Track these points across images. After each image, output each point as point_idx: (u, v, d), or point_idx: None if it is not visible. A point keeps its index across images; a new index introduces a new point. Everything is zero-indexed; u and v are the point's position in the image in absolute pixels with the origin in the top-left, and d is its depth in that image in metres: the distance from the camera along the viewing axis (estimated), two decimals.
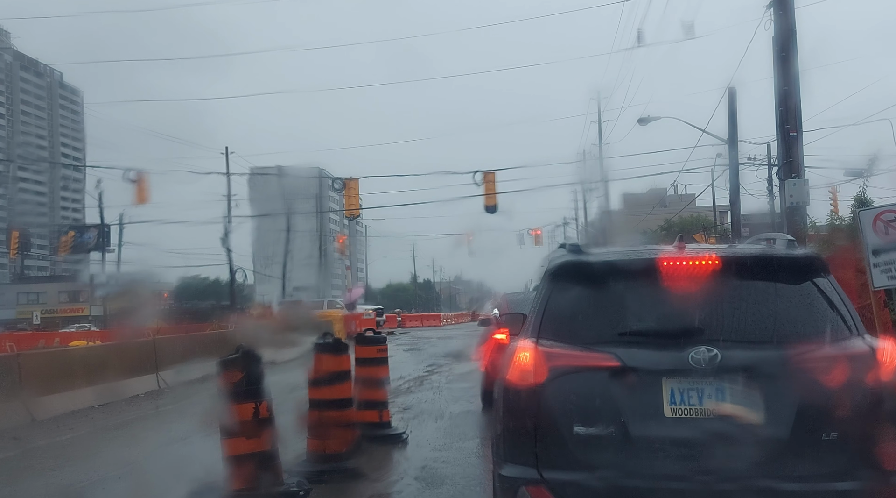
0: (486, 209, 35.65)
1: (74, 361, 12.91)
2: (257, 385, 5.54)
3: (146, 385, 13.94)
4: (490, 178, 35.36)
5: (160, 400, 13.13)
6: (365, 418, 8.19)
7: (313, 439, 6.74)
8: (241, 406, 5.42)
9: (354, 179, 36.33)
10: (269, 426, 5.55)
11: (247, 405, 5.42)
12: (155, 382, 14.17)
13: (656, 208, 58.01)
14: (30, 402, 11.04)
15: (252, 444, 5.42)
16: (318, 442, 6.69)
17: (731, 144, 29.49)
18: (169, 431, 9.89)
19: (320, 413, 6.67)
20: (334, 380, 6.72)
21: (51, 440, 9.62)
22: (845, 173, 33.63)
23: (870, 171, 29.84)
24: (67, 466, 8.06)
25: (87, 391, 12.29)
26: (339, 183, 36.67)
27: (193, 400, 12.39)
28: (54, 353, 14.56)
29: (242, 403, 5.43)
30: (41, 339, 28.78)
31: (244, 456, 5.38)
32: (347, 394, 6.84)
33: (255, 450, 5.43)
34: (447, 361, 19.49)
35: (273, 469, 5.57)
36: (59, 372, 12.12)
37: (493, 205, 35.77)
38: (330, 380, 6.70)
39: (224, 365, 5.50)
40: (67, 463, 8.26)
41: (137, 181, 31.99)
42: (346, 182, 36.21)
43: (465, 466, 7.44)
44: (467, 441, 8.62)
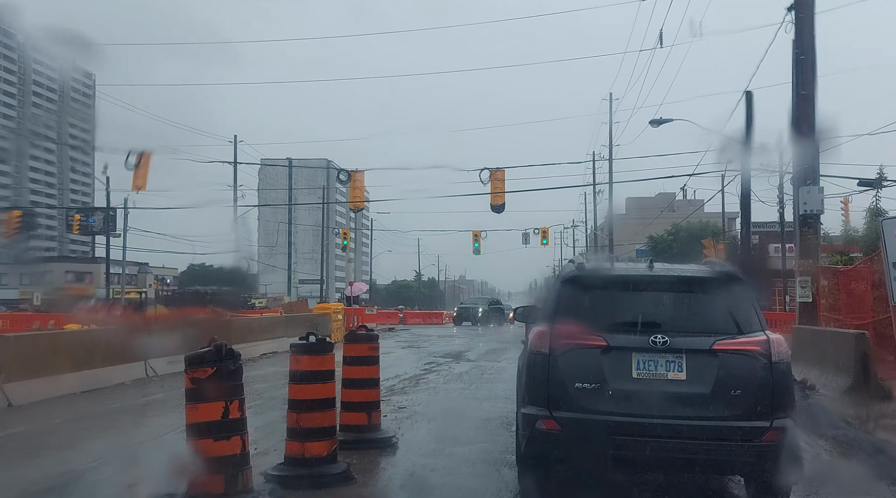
0: (493, 208, 35.09)
1: (59, 346, 12.48)
2: (229, 382, 5.08)
3: (134, 373, 13.51)
4: (498, 177, 34.73)
5: (147, 389, 12.70)
6: (352, 421, 7.74)
7: (291, 442, 6.28)
8: (210, 405, 4.97)
9: (360, 171, 35.83)
10: (241, 428, 5.09)
11: (216, 404, 4.97)
12: (143, 369, 13.73)
13: (664, 212, 57.28)
14: (8, 386, 10.62)
15: (220, 446, 4.97)
16: (296, 445, 6.23)
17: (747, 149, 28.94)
18: (147, 424, 9.46)
19: (298, 415, 6.20)
20: (315, 380, 6.24)
21: (24, 428, 9.19)
22: (859, 184, 33.05)
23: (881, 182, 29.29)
24: (35, 459, 7.62)
25: (70, 377, 11.87)
26: (344, 174, 36.23)
27: (181, 391, 11.97)
28: (37, 336, 14.13)
29: (211, 401, 4.97)
30: (36, 320, 28.41)
31: (211, 459, 4.92)
32: (329, 395, 6.36)
33: (224, 453, 4.98)
34: (446, 360, 19.02)
35: (242, 474, 5.11)
36: (42, 356, 11.70)
37: (501, 204, 35.21)
38: (310, 380, 6.23)
39: (192, 360, 5.05)
40: (35, 454, 7.83)
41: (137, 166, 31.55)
42: (352, 174, 35.75)
43: (456, 475, 6.99)
44: (460, 446, 8.17)
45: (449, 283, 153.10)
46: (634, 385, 5.57)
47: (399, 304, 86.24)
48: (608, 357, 5.62)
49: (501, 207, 35.28)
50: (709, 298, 6.03)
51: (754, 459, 5.54)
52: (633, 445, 5.54)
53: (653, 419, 5.49)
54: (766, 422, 5.49)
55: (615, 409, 5.52)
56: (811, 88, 19.75)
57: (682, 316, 5.99)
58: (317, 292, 78.71)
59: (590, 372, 5.60)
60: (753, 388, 5.55)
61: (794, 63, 19.34)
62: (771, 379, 5.57)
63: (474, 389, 13.58)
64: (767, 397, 5.55)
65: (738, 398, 5.51)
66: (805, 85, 19.66)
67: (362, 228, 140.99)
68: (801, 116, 19.42)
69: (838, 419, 9.86)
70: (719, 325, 5.78)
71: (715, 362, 5.54)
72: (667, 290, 6.20)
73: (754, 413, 5.51)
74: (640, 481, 6.52)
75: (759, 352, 5.61)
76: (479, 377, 15.32)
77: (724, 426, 5.48)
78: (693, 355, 5.58)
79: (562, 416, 5.60)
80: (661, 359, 5.59)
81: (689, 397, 5.54)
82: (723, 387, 5.50)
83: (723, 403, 5.50)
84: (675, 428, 5.49)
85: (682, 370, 5.57)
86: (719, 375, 5.51)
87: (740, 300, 5.92)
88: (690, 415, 5.51)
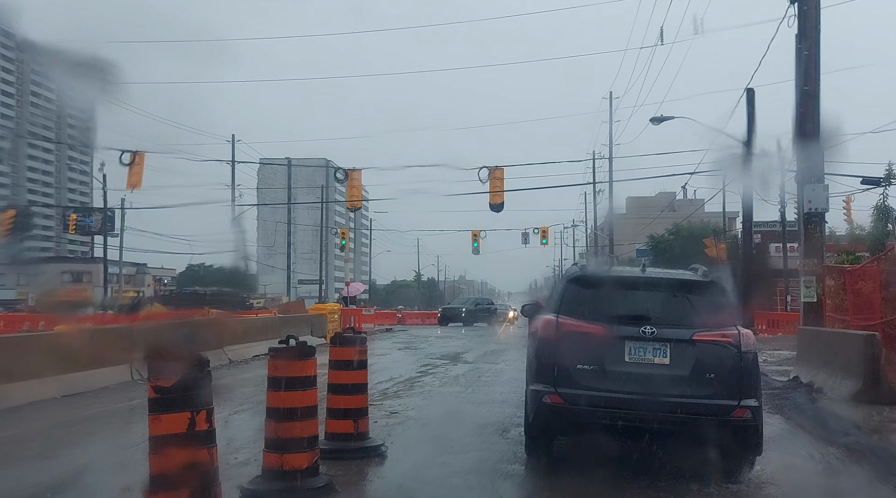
0: (492, 207, 34.63)
1: (41, 348, 12.02)
2: (196, 391, 4.65)
3: (119, 376, 13.07)
4: (497, 175, 34.28)
5: (131, 393, 12.22)
6: (338, 429, 7.31)
7: (269, 454, 5.85)
8: (174, 416, 4.54)
9: (357, 170, 35.42)
10: (209, 440, 4.66)
11: (180, 415, 4.54)
12: (129, 372, 13.30)
13: (664, 212, 56.84)
14: None
15: (184, 461, 4.54)
16: (274, 457, 5.80)
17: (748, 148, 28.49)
18: (125, 431, 9.00)
19: (277, 425, 5.78)
20: (294, 387, 5.82)
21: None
22: (863, 182, 32.59)
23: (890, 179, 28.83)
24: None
25: (51, 381, 11.43)
26: (342, 173, 35.82)
27: None
28: (17, 338, 13.70)
29: (175, 412, 4.55)
30: (27, 321, 27.97)
31: (173, 475, 4.50)
32: (310, 402, 5.93)
33: (188, 469, 4.54)
34: (443, 362, 18.58)
35: (211, 491, 4.68)
36: (21, 359, 11.27)
37: (500, 203, 34.76)
38: (289, 386, 5.80)
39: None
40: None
41: (132, 164, 31.17)
42: (349, 172, 35.33)
43: (447, 488, 6.59)
44: (453, 455, 7.74)
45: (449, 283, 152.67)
46: (626, 367, 6.64)
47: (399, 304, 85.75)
48: (605, 344, 6.68)
49: (500, 207, 34.82)
50: (691, 297, 7.17)
51: (724, 432, 6.56)
52: (624, 416, 6.58)
53: (641, 396, 6.53)
54: (735, 401, 6.55)
55: (610, 387, 6.57)
56: (815, 85, 19.32)
57: (668, 312, 7.10)
58: (316, 293, 78.32)
59: (589, 355, 6.65)
60: (725, 372, 6.63)
61: (798, 58, 18.93)
62: (740, 366, 6.66)
63: (471, 392, 13.16)
64: (736, 381, 6.62)
65: (711, 380, 6.59)
66: (809, 81, 19.23)
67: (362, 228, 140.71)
68: (804, 113, 18.99)
69: (849, 425, 9.43)
70: (699, 320, 6.83)
71: (694, 350, 6.63)
72: (656, 289, 7.40)
73: (725, 393, 6.57)
74: (628, 448, 7.42)
75: (730, 343, 6.69)
76: (476, 380, 14.90)
77: (699, 403, 6.55)
78: (676, 344, 6.66)
79: (564, 392, 6.63)
80: (649, 346, 6.66)
81: (671, 378, 6.59)
82: (699, 371, 6.58)
83: (699, 384, 6.57)
84: (660, 404, 6.54)
85: (667, 356, 6.64)
86: (697, 361, 6.60)
87: (717, 300, 7.06)
88: (672, 393, 6.55)
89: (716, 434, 6.53)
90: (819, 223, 19.02)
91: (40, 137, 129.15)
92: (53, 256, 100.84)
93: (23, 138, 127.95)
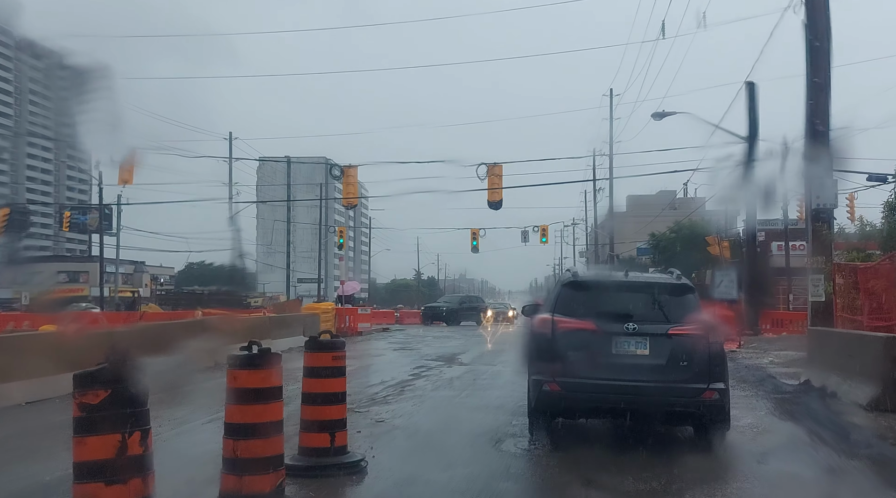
0: (490, 204, 33.91)
1: (6, 350, 11.33)
2: (130, 409, 3.96)
3: None
4: (496, 172, 33.56)
5: None
6: (312, 443, 6.62)
7: (228, 476, 5.16)
8: (102, 439, 3.86)
9: (353, 167, 34.69)
10: (142, 467, 3.97)
11: (110, 437, 3.85)
12: None
13: (665, 211, 56.11)
14: None
15: (115, 492, 3.85)
16: (233, 480, 5.11)
17: (751, 143, 27.74)
18: None
19: (235, 443, 5.09)
20: (256, 399, 5.13)
21: None
22: (868, 179, 31.84)
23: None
24: None
25: (15, 386, 10.72)
26: (337, 170, 35.12)
27: None
28: None
29: (104, 433, 3.86)
30: (11, 321, 27.25)
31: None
32: (274, 417, 5.24)
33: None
34: (438, 363, 17.88)
35: None
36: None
37: (498, 200, 34.03)
38: (250, 399, 5.11)
39: (81, 380, 3.94)
40: None
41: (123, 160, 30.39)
42: (345, 169, 34.62)
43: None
44: (440, 472, 7.01)
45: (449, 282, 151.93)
46: (613, 358, 7.66)
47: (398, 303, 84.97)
48: (595, 338, 7.69)
49: (499, 204, 34.10)
50: (667, 298, 8.19)
51: (696, 410, 7.73)
52: (612, 399, 7.64)
53: (626, 382, 7.56)
54: (705, 384, 7.59)
55: (599, 375, 7.59)
56: (825, 76, 18.61)
57: (648, 310, 8.07)
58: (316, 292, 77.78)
59: (581, 348, 7.68)
60: (696, 361, 7.60)
61: (808, 49, 18.22)
62: (708, 355, 7.67)
63: (465, 396, 12.48)
64: (706, 367, 7.62)
65: (684, 367, 7.59)
66: (819, 72, 18.50)
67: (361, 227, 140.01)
68: (814, 106, 18.29)
69: (870, 435, 8.76)
70: (673, 316, 7.90)
71: (669, 343, 7.67)
72: (637, 291, 8.47)
73: (696, 378, 7.59)
74: (616, 426, 8.54)
75: (700, 335, 7.69)
76: (472, 383, 14.21)
77: (675, 387, 7.61)
78: (654, 338, 7.71)
79: (561, 380, 7.66)
80: (632, 340, 7.70)
81: (651, 367, 7.64)
82: (674, 359, 7.60)
83: (674, 371, 7.59)
84: (642, 388, 7.58)
85: (647, 348, 7.70)
86: (672, 352, 7.62)
87: (689, 300, 8.15)
88: (652, 379, 7.60)
89: (690, 412, 7.80)
90: (828, 220, 18.34)
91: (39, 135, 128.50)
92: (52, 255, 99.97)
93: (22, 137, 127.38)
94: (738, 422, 9.65)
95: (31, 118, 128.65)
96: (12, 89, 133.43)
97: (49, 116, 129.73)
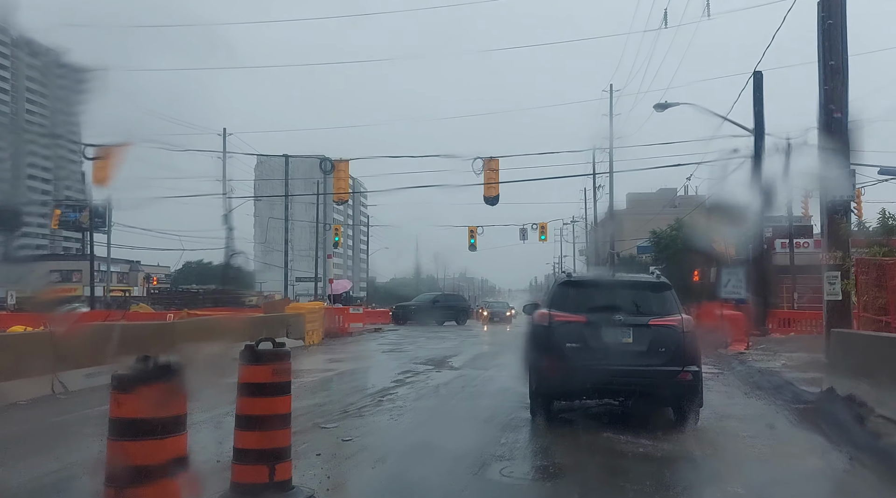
0: (486, 200, 32.65)
1: None
2: None
3: (36, 389, 11.12)
4: (492, 166, 32.26)
5: (47, 411, 10.29)
6: (246, 478, 5.35)
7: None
8: None
9: (345, 161, 33.46)
10: None
11: None
12: (49, 385, 11.37)
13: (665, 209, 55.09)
14: None
15: None
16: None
17: (757, 136, 26.47)
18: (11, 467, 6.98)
19: (118, 493, 3.83)
20: (146, 433, 3.88)
21: None
22: (880, 172, 30.57)
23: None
24: None
25: None
26: (328, 164, 33.83)
27: (87, 414, 9.63)
28: None
29: None
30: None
31: None
32: (174, 453, 3.99)
33: None
34: (426, 368, 16.61)
35: None
36: None
37: (495, 196, 32.76)
38: (137, 433, 3.86)
39: None
40: None
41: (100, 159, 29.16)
42: (336, 163, 33.36)
43: None
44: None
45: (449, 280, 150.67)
46: (602, 346, 8.76)
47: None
48: (587, 328, 8.88)
49: (495, 199, 32.87)
50: (648, 294, 9.54)
51: (672, 390, 8.88)
52: (601, 381, 8.69)
53: (613, 366, 8.66)
54: (680, 367, 8.78)
55: (591, 360, 8.67)
56: (841, 58, 17.37)
57: (631, 304, 9.25)
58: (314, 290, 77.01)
59: (575, 337, 8.85)
60: (672, 347, 8.82)
61: (821, 29, 16.98)
62: (683, 342, 8.87)
63: (451, 407, 11.27)
64: (681, 353, 8.83)
65: (662, 353, 8.79)
66: (834, 54, 17.26)
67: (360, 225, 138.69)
68: (829, 91, 17.08)
69: None
70: (653, 309, 9.19)
71: (650, 332, 8.90)
72: (622, 289, 9.88)
73: (673, 362, 8.78)
74: (605, 404, 10.10)
75: (676, 325, 8.96)
76: (461, 391, 12.98)
77: (655, 370, 8.76)
78: (637, 328, 8.91)
79: (559, 364, 8.79)
80: (618, 330, 8.88)
81: (634, 352, 8.77)
82: (654, 346, 8.81)
83: (654, 356, 8.77)
84: (626, 371, 8.72)
85: (630, 337, 8.85)
86: (652, 340, 8.83)
87: (667, 296, 9.41)
88: (635, 363, 8.73)
89: (669, 391, 8.96)
90: (845, 213, 17.14)
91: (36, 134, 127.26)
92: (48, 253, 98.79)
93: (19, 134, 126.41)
94: (764, 440, 8.44)
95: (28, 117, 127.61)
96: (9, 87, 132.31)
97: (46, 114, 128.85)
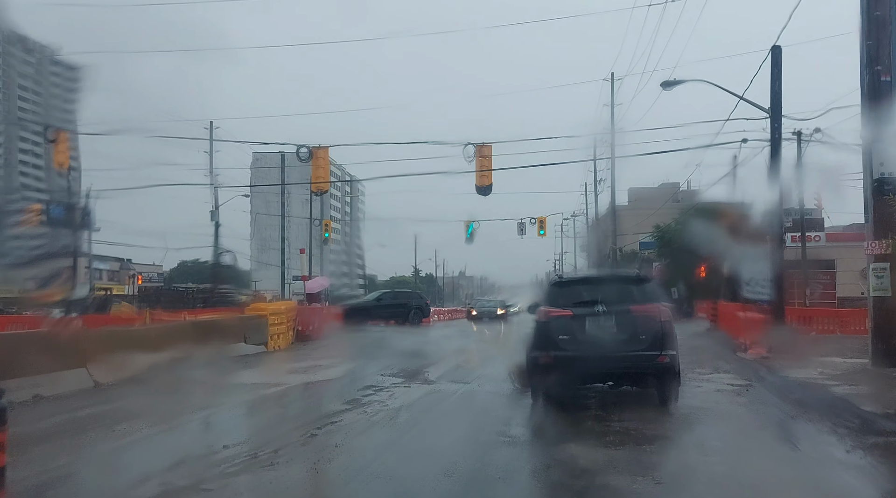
0: (478, 190, 29.89)
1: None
2: None
3: None
4: (485, 153, 29.45)
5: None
6: None
7: None
8: None
9: (324, 148, 30.76)
10: None
11: None
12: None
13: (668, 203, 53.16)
14: None
15: None
16: None
17: (774, 116, 23.75)
18: None
19: None
20: None
21: None
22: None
23: None
24: None
25: None
26: (304, 152, 31.03)
27: None
28: None
29: None
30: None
31: None
32: None
33: None
34: (394, 381, 13.86)
35: None
36: None
37: (488, 185, 29.98)
38: None
39: None
40: None
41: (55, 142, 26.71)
42: (314, 151, 30.64)
43: None
44: None
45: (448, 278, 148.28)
46: (588, 335, 10.32)
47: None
48: (574, 321, 10.46)
49: (488, 189, 30.09)
50: (629, 286, 11.18)
51: (653, 372, 10.46)
52: (590, 366, 10.32)
53: (599, 352, 10.13)
54: (658, 351, 10.24)
55: (579, 348, 10.27)
56: (888, 8, 14.70)
57: (614, 296, 10.65)
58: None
59: (566, 329, 10.43)
60: (651, 333, 10.29)
61: None
62: (661, 329, 10.35)
63: (403, 443, 8.54)
64: (659, 339, 10.28)
65: (643, 339, 10.26)
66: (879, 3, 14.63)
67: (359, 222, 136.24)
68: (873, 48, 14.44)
69: None
70: (634, 300, 10.65)
71: (631, 319, 10.36)
72: (606, 283, 11.80)
73: (652, 347, 10.23)
74: (593, 387, 11.73)
75: (654, 314, 10.44)
76: (425, 415, 10.37)
77: (636, 354, 10.23)
78: (618, 315, 10.36)
79: (553, 354, 10.43)
80: (602, 319, 10.40)
81: (617, 339, 10.21)
82: (635, 333, 10.28)
83: (635, 342, 10.24)
84: (611, 357, 10.21)
85: (613, 324, 10.33)
86: (633, 327, 10.31)
87: (647, 288, 11.07)
88: (618, 349, 10.17)
89: (649, 374, 10.55)
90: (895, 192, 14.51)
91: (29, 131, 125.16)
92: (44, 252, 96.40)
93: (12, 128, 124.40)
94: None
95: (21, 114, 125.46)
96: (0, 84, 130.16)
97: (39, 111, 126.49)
